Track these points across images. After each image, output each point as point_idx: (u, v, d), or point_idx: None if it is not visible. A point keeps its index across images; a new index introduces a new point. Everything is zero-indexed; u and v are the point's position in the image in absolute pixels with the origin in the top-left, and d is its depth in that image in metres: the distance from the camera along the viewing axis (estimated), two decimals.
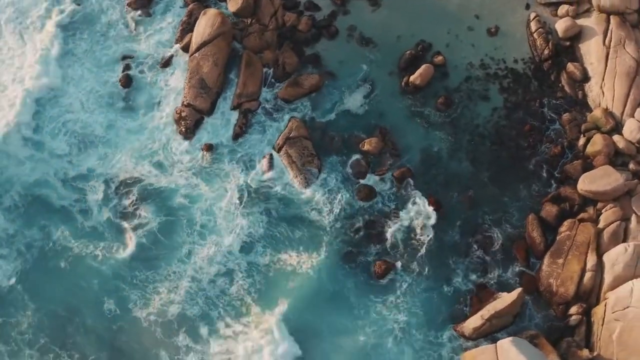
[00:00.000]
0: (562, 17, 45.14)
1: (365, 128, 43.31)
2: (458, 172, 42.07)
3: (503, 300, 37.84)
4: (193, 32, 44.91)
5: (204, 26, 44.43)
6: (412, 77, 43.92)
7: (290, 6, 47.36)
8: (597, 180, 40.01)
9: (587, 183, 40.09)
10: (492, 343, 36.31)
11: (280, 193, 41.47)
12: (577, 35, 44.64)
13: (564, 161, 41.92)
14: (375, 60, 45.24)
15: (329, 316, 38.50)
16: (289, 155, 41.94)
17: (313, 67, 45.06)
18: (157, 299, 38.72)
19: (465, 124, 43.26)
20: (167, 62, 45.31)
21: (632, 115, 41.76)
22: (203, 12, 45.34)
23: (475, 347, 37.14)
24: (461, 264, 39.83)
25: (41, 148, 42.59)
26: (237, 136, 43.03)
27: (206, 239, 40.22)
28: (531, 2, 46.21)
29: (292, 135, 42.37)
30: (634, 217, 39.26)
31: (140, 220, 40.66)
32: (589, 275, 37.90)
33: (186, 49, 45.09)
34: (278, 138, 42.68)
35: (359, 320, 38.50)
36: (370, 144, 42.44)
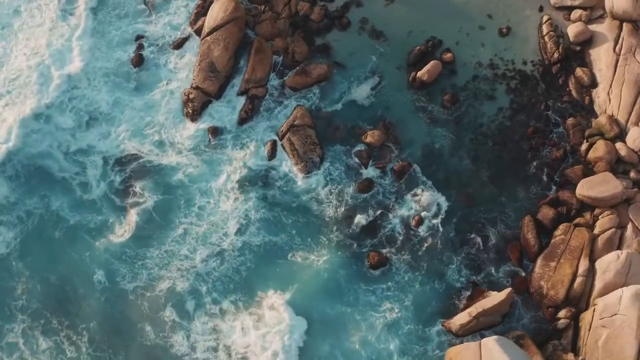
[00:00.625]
0: (575, 22, 45.04)
1: (369, 120, 43.77)
2: (458, 169, 42.37)
3: (492, 299, 38.18)
4: (206, 15, 45.58)
5: (217, 10, 45.07)
6: (420, 73, 44.20)
7: None
8: (596, 186, 40.03)
9: (585, 188, 40.14)
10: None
11: (280, 179, 42.17)
12: (588, 41, 44.57)
13: (564, 165, 41.98)
14: (385, 54, 45.58)
15: (319, 300, 39.15)
16: (291, 143, 42.47)
17: (322, 56, 45.54)
18: (145, 274, 39.81)
19: (469, 122, 43.46)
20: (179, 44, 46.09)
21: (636, 123, 41.68)
22: None
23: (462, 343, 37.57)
24: (455, 261, 40.23)
25: (48, 121, 43.69)
26: (242, 121, 43.68)
27: (203, 220, 41.02)
28: (545, 4, 46.16)
29: (296, 123, 42.89)
30: (630, 226, 39.26)
31: (138, 197, 41.74)
32: (579, 280, 38.05)
33: (199, 33, 45.80)
34: (282, 125, 43.32)
35: (349, 307, 39.12)
36: (372, 136, 42.84)
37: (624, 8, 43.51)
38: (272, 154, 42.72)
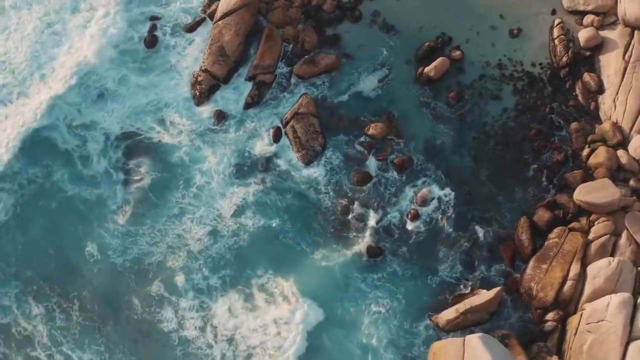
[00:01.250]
0: (587, 27, 44.86)
1: (374, 112, 44.07)
2: (459, 166, 42.55)
3: (480, 297, 38.48)
4: (220, 0, 46.20)
5: None
6: (427, 69, 44.36)
7: None
8: (594, 192, 40.02)
9: (583, 193, 40.14)
10: None
11: (281, 166, 42.70)
12: (598, 46, 44.27)
13: (565, 169, 41.95)
14: (395, 48, 45.74)
15: (309, 284, 39.82)
16: (294, 131, 42.97)
17: (332, 47, 45.87)
18: (135, 249, 40.84)
19: (472, 120, 43.57)
20: (192, 27, 46.71)
21: None
22: None
23: None
24: (449, 256, 40.53)
25: (57, 95, 44.69)
26: (248, 106, 44.26)
27: (200, 200, 41.86)
28: (558, 8, 45.86)
29: (300, 111, 43.37)
30: (625, 234, 39.21)
31: (137, 174, 42.68)
32: (569, 284, 38.16)
33: (212, 17, 46.36)
34: (287, 112, 43.78)
35: (339, 292, 39.68)
36: (375, 128, 43.17)
37: (636, 15, 43.13)
38: (275, 141, 43.29)
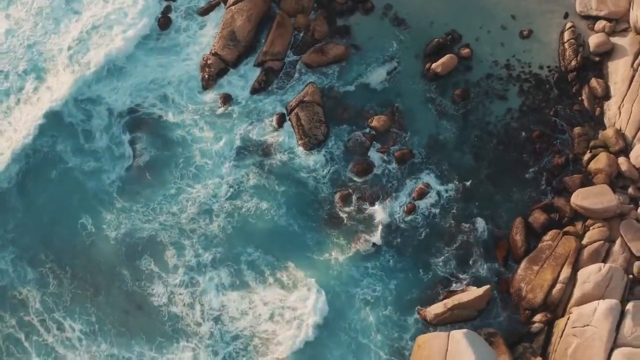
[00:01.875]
0: (598, 32, 44.74)
1: (379, 104, 44.43)
2: (459, 163, 42.79)
3: (469, 294, 38.76)
4: None
5: None
6: (434, 65, 44.59)
7: None
8: (591, 197, 39.99)
9: (580, 198, 40.14)
10: None
11: (282, 152, 43.23)
12: (608, 52, 44.17)
13: (564, 173, 42.00)
14: (404, 42, 46.03)
15: (301, 268, 40.39)
16: (298, 118, 43.44)
17: (342, 38, 46.21)
18: (129, 224, 41.68)
19: (476, 119, 43.74)
20: (206, 10, 47.38)
21: None
22: None
23: None
24: (442, 252, 40.82)
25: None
26: (254, 92, 44.82)
27: (198, 180, 42.58)
28: (571, 12, 45.79)
29: (306, 99, 43.79)
30: (619, 241, 39.13)
31: (137, 151, 43.45)
32: (559, 287, 38.27)
33: (225, 1, 46.92)
34: (292, 100, 44.23)
35: (331, 280, 40.08)
36: (378, 120, 43.51)
37: None
38: (279, 127, 43.81)
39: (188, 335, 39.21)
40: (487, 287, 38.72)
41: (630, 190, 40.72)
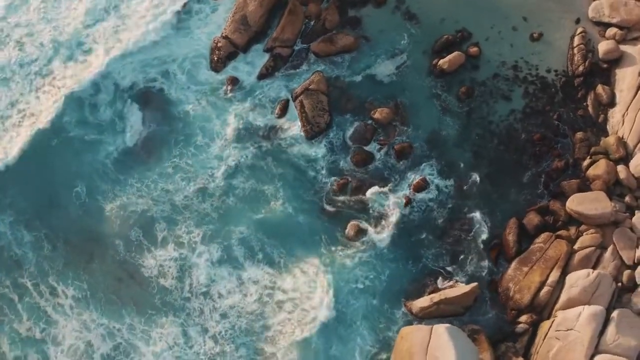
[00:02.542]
0: (608, 39, 44.59)
1: (383, 97, 44.67)
2: (459, 160, 42.94)
3: (456, 290, 39.06)
4: None
5: None
6: (441, 61, 44.77)
7: None
8: (587, 202, 40.00)
9: (575, 203, 40.18)
10: None
11: (283, 138, 43.76)
12: (616, 60, 44.06)
13: (563, 177, 41.99)
14: (414, 36, 46.24)
15: (292, 251, 40.98)
16: (302, 105, 43.87)
17: (353, 28, 46.56)
18: (124, 197, 42.55)
19: (479, 117, 43.86)
20: None
21: None
22: None
23: None
24: (435, 246, 41.07)
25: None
26: (261, 77, 45.36)
27: (196, 158, 43.32)
28: (583, 17, 45.69)
29: (311, 87, 44.21)
30: (611, 248, 39.14)
31: (139, 126, 44.14)
32: (546, 289, 38.38)
33: None
34: (298, 87, 44.68)
35: (322, 266, 40.46)
36: (381, 113, 43.80)
37: None
38: (282, 113, 44.33)
39: (175, 309, 39.78)
40: (474, 284, 38.94)
41: (627, 198, 40.67)
